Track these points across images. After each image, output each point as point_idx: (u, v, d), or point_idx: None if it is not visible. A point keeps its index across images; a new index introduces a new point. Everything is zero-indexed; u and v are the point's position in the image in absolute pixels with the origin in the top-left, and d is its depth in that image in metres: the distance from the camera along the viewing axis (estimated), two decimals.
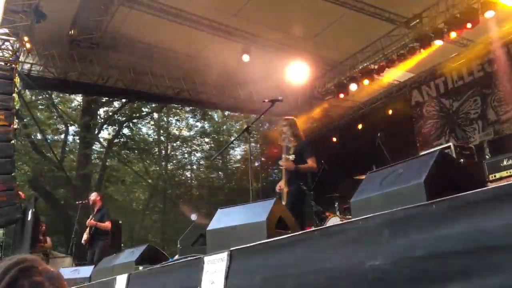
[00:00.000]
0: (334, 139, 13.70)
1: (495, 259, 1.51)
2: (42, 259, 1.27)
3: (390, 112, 12.76)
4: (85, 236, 7.92)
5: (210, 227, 3.43)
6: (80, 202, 8.54)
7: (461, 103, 11.21)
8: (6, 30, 10.01)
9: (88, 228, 7.92)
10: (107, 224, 7.88)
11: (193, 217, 17.58)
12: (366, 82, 11.74)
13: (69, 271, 6.04)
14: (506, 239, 1.49)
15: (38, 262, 1.23)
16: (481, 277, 1.54)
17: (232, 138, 21.24)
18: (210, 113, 21.49)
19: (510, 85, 10.11)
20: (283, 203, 5.06)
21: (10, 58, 10.17)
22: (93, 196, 8.23)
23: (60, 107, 18.30)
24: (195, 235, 4.38)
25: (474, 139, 10.70)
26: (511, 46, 10.10)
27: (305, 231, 2.41)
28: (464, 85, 11.19)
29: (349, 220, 2.32)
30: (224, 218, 3.44)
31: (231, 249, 2.70)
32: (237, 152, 23.21)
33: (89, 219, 7.91)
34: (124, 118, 20.35)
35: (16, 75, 10.22)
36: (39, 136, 17.71)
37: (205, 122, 22.72)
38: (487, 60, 10.64)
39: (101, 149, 19.74)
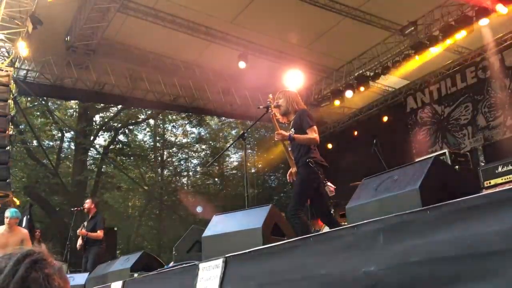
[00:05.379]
0: (330, 146, 13.72)
1: (489, 265, 1.51)
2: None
3: (386, 119, 12.82)
4: (79, 242, 7.84)
5: (205, 234, 3.42)
6: (75, 209, 8.45)
7: (453, 109, 11.30)
8: (2, 36, 10.00)
9: (80, 243, 7.83)
10: (99, 234, 7.73)
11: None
12: (362, 89, 11.79)
13: None
14: (500, 244, 1.50)
15: (46, 254, 1.22)
16: (475, 282, 1.54)
17: (228, 145, 21.25)
18: (206, 119, 21.49)
19: (502, 91, 10.20)
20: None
21: (6, 64, 10.16)
22: (87, 203, 8.14)
23: (56, 114, 18.24)
24: (191, 241, 4.36)
25: (465, 145, 10.77)
26: (505, 53, 10.20)
27: (300, 237, 2.41)
28: (457, 92, 11.29)
29: (344, 226, 2.32)
30: (220, 224, 3.44)
31: (227, 255, 2.70)
32: (233, 158, 23.21)
33: (80, 228, 7.79)
34: (120, 125, 20.30)
35: (12, 81, 10.19)
36: (34, 143, 17.65)
37: (202, 129, 22.72)
38: (481, 67, 10.74)
39: (97, 156, 19.68)
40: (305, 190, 4.22)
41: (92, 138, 19.19)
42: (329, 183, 4.17)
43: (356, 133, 13.56)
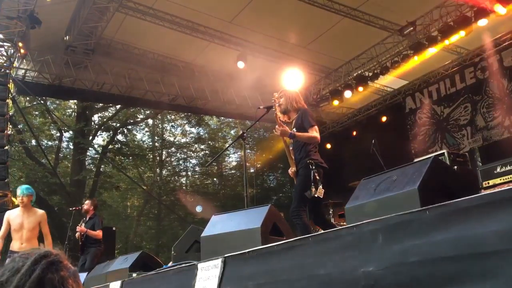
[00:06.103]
0: (329, 146, 13.72)
1: (487, 265, 1.51)
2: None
3: (384, 119, 12.83)
4: (78, 234, 7.83)
5: (204, 234, 3.42)
6: (73, 208, 8.43)
7: (452, 109, 11.31)
8: (1, 36, 9.99)
9: (79, 234, 7.83)
10: (98, 233, 7.72)
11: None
12: (360, 89, 11.79)
13: None
14: (498, 245, 1.50)
15: (62, 257, 1.25)
16: (475, 282, 1.54)
17: (227, 145, 21.27)
18: (205, 119, 21.47)
19: (500, 92, 10.21)
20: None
21: (5, 64, 10.14)
22: (87, 205, 8.12)
23: (54, 113, 18.22)
24: (189, 241, 4.35)
25: (464, 146, 10.79)
26: (504, 53, 10.21)
27: (299, 237, 2.41)
28: (456, 92, 11.29)
29: (343, 227, 2.32)
30: (219, 224, 3.44)
31: (225, 255, 2.69)
32: (232, 158, 23.21)
33: (80, 224, 7.80)
34: (118, 124, 20.28)
35: (11, 80, 10.18)
36: (33, 142, 17.62)
37: (200, 128, 22.70)
38: (480, 67, 10.75)
39: (96, 155, 19.65)
40: (306, 191, 4.25)
41: (90, 137, 19.17)
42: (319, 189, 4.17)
43: (355, 133, 13.56)
